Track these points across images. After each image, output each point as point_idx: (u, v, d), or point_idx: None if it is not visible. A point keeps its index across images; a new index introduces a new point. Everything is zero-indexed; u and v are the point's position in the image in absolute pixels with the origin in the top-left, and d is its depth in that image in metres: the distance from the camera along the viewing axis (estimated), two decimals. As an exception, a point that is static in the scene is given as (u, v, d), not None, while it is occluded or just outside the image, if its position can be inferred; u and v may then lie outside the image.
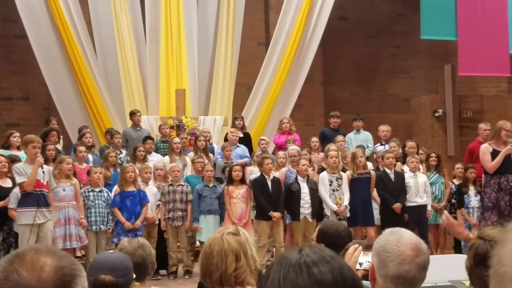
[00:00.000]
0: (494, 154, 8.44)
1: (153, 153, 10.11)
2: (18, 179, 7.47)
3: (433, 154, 9.92)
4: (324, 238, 3.90)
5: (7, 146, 9.03)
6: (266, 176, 8.73)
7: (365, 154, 9.74)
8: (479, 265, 2.34)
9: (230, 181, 8.71)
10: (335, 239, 3.68)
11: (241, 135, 11.11)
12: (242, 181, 8.78)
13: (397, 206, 8.96)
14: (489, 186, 8.59)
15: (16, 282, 1.23)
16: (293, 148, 9.67)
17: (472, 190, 9.62)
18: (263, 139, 10.66)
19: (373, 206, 9.15)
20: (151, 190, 8.80)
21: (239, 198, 8.67)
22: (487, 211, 8.62)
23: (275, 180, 8.78)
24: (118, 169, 9.32)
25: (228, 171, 8.89)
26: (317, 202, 8.84)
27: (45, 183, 7.55)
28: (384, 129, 10.88)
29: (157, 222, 8.82)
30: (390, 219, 8.55)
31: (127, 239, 3.57)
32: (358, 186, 8.98)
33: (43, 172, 7.53)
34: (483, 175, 8.94)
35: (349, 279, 1.40)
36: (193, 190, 8.86)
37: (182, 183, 8.90)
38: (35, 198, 7.44)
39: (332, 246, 3.27)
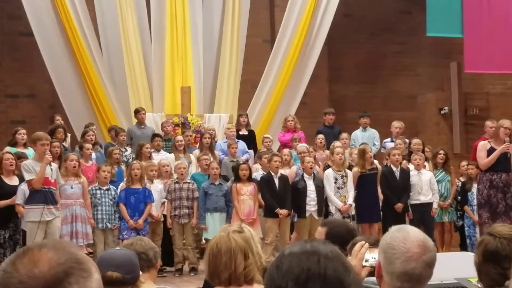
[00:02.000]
0: (491, 151, 8.47)
1: (162, 151, 10.12)
2: (27, 176, 7.49)
3: (441, 151, 9.90)
4: (334, 237, 3.84)
5: (13, 144, 9.05)
6: (273, 174, 8.74)
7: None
8: (488, 262, 2.33)
9: (238, 178, 8.72)
10: (347, 238, 3.64)
11: (246, 133, 11.11)
12: (250, 178, 8.78)
13: (398, 206, 8.93)
14: (481, 183, 8.61)
15: (10, 274, 1.22)
16: (302, 145, 9.67)
17: (475, 188, 9.61)
18: (267, 137, 10.66)
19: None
20: (156, 188, 8.81)
21: (247, 195, 8.67)
22: (480, 208, 8.64)
23: (282, 178, 8.77)
24: (122, 167, 9.34)
25: (235, 169, 8.90)
26: (323, 199, 8.84)
27: (53, 180, 7.58)
28: (397, 125, 10.84)
29: (162, 220, 8.82)
30: (392, 218, 8.55)
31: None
32: (367, 182, 8.96)
33: (51, 169, 7.55)
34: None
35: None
36: (199, 188, 8.86)
37: (188, 181, 8.90)
38: (43, 195, 7.46)
39: (343, 245, 3.25)
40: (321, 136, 10.48)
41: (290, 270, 1.42)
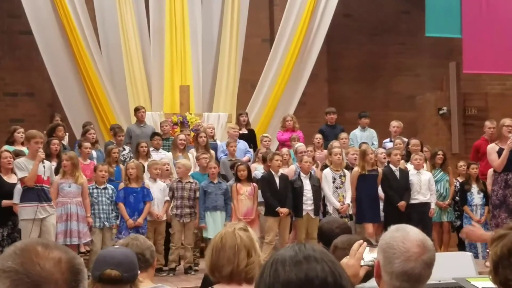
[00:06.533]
0: (501, 152, 8.46)
1: (161, 150, 10.10)
2: (19, 174, 7.50)
3: (440, 152, 9.92)
4: (321, 236, 3.90)
5: (12, 142, 9.06)
6: (273, 173, 8.74)
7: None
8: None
9: (237, 179, 8.73)
10: (331, 237, 3.67)
11: (246, 132, 11.12)
12: (249, 178, 8.79)
13: (401, 204, 8.95)
14: (496, 184, 8.58)
15: (39, 274, 1.28)
16: (300, 144, 9.69)
17: (475, 188, 9.63)
18: (265, 136, 10.66)
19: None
20: (159, 186, 8.77)
21: (245, 196, 8.68)
22: (496, 209, 8.60)
23: (283, 177, 8.78)
24: (121, 165, 9.34)
25: (235, 168, 8.90)
26: (319, 199, 8.85)
27: (46, 178, 7.58)
28: (395, 124, 10.86)
29: (164, 219, 8.79)
30: (394, 217, 8.55)
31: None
32: (367, 182, 8.96)
33: (44, 167, 7.55)
34: (489, 173, 8.95)
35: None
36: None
37: (191, 180, 8.86)
38: (36, 193, 7.47)
39: (328, 244, 3.28)
40: (318, 135, 10.49)
41: (279, 279, 1.43)
